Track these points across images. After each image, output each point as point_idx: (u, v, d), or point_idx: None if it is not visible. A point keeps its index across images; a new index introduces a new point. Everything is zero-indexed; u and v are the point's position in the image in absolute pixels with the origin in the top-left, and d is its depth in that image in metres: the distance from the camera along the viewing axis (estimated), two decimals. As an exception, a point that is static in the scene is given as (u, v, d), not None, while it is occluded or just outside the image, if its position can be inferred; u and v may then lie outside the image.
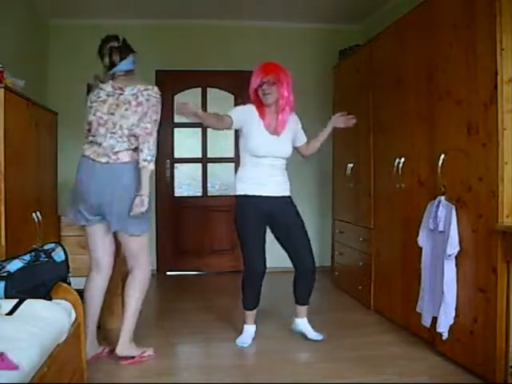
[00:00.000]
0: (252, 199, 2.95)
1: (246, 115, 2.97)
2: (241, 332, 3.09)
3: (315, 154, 3.34)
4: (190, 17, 5.09)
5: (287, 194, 3.09)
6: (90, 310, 2.73)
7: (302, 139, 3.20)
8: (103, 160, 2.59)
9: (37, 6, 4.63)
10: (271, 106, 2.99)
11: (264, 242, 2.98)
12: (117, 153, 2.58)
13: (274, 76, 2.93)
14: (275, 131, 2.98)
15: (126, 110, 2.60)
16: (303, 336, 3.10)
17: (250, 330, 3.08)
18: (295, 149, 3.16)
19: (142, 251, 2.72)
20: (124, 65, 2.80)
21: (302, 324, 3.13)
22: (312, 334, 3.08)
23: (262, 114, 2.99)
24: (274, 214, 2.98)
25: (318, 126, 5.42)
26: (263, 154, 2.95)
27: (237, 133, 3.01)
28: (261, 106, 3.00)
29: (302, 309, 3.13)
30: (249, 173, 2.98)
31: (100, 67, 2.97)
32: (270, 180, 2.98)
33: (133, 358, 2.71)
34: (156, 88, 2.69)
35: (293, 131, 3.10)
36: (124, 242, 2.69)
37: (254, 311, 3.09)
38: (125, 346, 2.69)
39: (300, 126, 3.20)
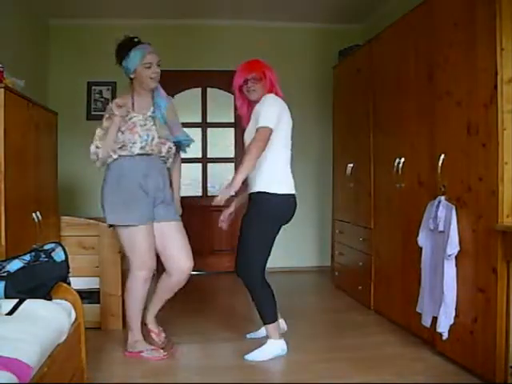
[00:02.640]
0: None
1: None
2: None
3: (315, 154, 3.31)
4: (189, 17, 5.09)
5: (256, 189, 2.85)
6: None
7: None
8: None
9: (37, 6, 4.62)
10: (257, 102, 2.87)
11: None
12: None
13: (259, 73, 2.86)
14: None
15: None
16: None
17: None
18: None
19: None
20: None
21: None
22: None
23: (243, 111, 2.99)
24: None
25: (317, 126, 5.48)
26: None
27: (237, 133, 3.01)
28: (246, 102, 2.98)
29: (265, 328, 2.91)
30: None
31: (100, 67, 2.99)
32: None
33: (130, 352, 2.81)
34: None
35: (255, 115, 2.83)
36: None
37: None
38: (127, 342, 2.84)
39: (259, 110, 2.78)
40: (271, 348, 2.81)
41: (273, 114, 2.73)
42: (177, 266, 2.85)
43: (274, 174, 2.83)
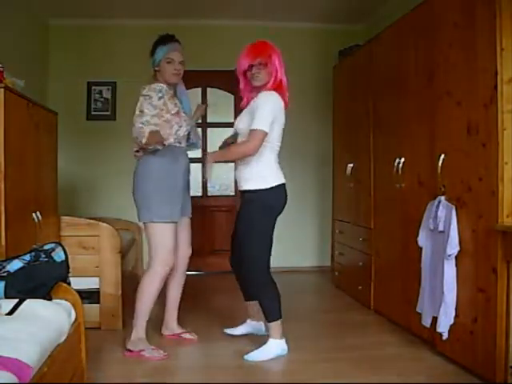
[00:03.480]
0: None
1: None
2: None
3: (315, 154, 3.31)
4: (189, 17, 5.09)
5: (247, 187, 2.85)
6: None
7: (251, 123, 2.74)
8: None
9: (37, 6, 4.62)
10: (260, 88, 2.83)
11: None
12: None
13: (265, 58, 2.79)
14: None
15: None
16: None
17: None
18: None
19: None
20: None
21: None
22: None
23: (245, 96, 2.96)
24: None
25: (317, 126, 5.48)
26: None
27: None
28: (248, 87, 2.92)
29: (268, 326, 2.88)
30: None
31: (100, 67, 2.97)
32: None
33: (131, 351, 2.82)
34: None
35: (251, 108, 2.81)
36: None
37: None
38: (127, 341, 2.86)
39: (255, 107, 2.74)
40: (272, 348, 2.80)
41: (269, 115, 2.70)
42: (181, 254, 3.07)
43: (266, 170, 2.81)
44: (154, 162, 2.84)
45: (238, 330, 3.18)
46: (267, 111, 2.70)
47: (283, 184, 2.84)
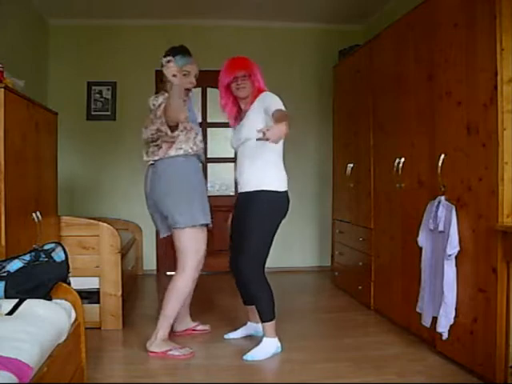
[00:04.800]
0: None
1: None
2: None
3: (315, 154, 3.30)
4: (189, 17, 5.09)
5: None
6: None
7: (271, 110, 2.65)
8: None
9: (37, 5, 4.63)
10: (245, 99, 2.92)
11: None
12: None
13: (248, 70, 2.88)
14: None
15: None
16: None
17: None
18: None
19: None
20: None
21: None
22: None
23: (230, 112, 3.01)
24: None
25: (317, 126, 5.48)
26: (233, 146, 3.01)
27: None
28: (231, 99, 2.99)
29: (263, 326, 2.88)
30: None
31: (100, 67, 2.98)
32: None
33: (156, 352, 2.82)
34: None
35: (259, 109, 2.80)
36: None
37: None
38: (151, 342, 2.84)
39: (266, 104, 2.74)
40: (269, 346, 2.82)
41: (282, 106, 2.70)
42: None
43: (273, 172, 2.85)
44: (181, 170, 2.84)
45: (239, 333, 3.17)
46: (280, 103, 2.71)
47: (286, 191, 2.89)
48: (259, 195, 2.82)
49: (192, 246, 2.85)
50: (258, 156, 2.81)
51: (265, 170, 2.83)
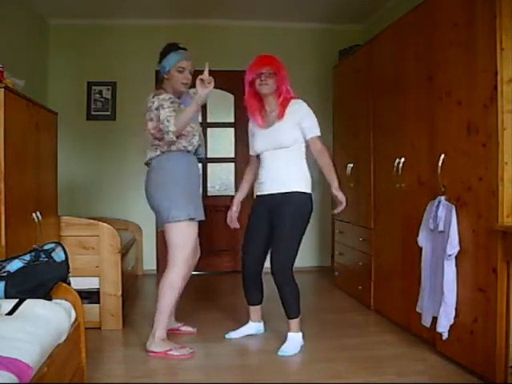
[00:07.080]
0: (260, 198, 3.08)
1: (252, 131, 3.11)
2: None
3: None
4: (189, 17, 5.09)
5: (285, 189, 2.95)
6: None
7: (306, 133, 2.96)
8: None
9: (37, 6, 4.63)
10: (268, 96, 2.97)
11: None
12: None
13: (273, 67, 2.92)
14: (274, 121, 2.97)
15: None
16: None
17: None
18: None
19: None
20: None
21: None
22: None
23: (254, 109, 3.02)
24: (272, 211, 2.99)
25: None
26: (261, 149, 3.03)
27: (237, 133, 3.04)
28: (255, 98, 3.02)
29: (290, 322, 2.95)
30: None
31: (100, 67, 2.97)
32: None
33: (155, 352, 2.81)
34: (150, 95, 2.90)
35: (293, 120, 2.94)
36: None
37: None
38: (150, 342, 2.84)
39: (301, 116, 2.95)
40: (297, 341, 2.92)
41: (317, 122, 2.99)
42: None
43: (306, 175, 3.01)
44: (174, 165, 2.85)
45: (240, 333, 3.17)
46: (315, 120, 2.98)
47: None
48: (295, 197, 2.92)
49: (179, 240, 2.85)
50: (293, 160, 2.95)
51: (302, 173, 2.98)
